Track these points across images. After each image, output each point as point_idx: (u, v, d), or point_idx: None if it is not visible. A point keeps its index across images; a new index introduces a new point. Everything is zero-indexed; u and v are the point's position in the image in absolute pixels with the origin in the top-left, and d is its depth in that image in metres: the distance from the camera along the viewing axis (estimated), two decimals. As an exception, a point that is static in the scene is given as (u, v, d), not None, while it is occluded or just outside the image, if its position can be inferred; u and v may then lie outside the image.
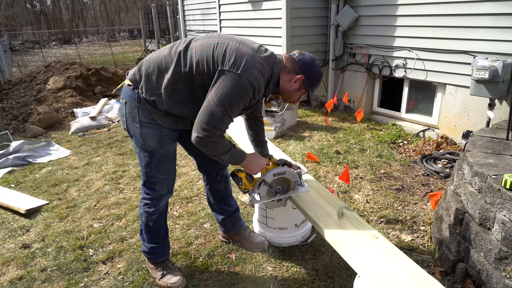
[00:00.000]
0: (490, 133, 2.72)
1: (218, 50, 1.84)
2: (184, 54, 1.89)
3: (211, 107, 1.79)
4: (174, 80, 1.90)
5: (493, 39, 3.83)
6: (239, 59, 1.80)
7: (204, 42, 1.90)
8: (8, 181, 3.98)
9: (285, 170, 2.20)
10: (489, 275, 1.93)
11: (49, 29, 34.35)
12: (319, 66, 2.02)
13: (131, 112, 2.01)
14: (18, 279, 2.42)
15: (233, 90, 1.78)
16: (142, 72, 1.98)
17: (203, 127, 1.82)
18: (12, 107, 6.74)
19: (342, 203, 2.14)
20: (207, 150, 1.90)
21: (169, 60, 1.92)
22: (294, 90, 1.99)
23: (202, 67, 1.85)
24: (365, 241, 1.80)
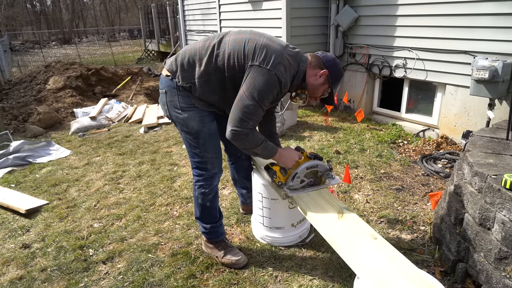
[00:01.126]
0: (490, 133, 2.72)
1: (249, 46, 1.97)
2: (217, 47, 2.03)
3: (243, 101, 1.93)
4: (207, 71, 2.05)
5: (493, 39, 3.83)
6: (269, 55, 1.93)
7: (236, 37, 2.03)
8: (8, 181, 3.98)
9: (318, 163, 2.25)
10: (489, 275, 1.93)
11: (49, 29, 34.35)
12: (340, 64, 2.16)
13: (172, 100, 2.16)
14: (18, 279, 2.42)
15: (263, 83, 1.91)
16: (178, 63, 2.12)
17: (237, 120, 1.95)
18: (12, 107, 6.74)
19: (342, 204, 2.15)
20: (241, 143, 2.02)
21: (203, 52, 2.06)
22: (318, 85, 2.11)
23: (233, 60, 1.99)
24: (364, 241, 1.80)
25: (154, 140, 5.05)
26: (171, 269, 2.40)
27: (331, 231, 1.89)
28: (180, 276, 2.33)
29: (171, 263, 2.47)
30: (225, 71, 2.02)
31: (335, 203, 2.16)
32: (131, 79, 8.59)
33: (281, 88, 1.98)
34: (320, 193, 2.29)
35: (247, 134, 1.98)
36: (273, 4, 5.68)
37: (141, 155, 4.53)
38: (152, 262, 2.49)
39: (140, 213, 3.16)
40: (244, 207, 3.02)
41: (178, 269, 2.41)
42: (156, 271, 2.41)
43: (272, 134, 2.56)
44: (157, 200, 3.37)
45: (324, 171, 2.30)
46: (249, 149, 2.06)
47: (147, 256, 2.56)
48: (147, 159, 4.37)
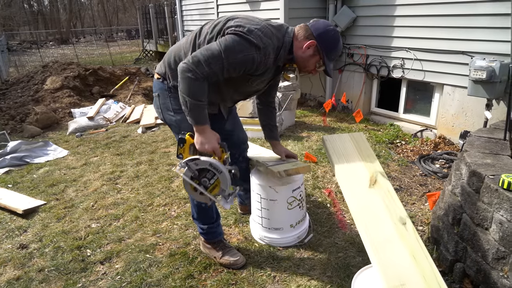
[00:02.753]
0: (487, 134, 2.73)
1: (228, 20, 1.92)
2: (198, 36, 2.00)
3: (212, 45, 1.83)
4: None
5: (490, 40, 3.84)
6: (246, 23, 1.86)
7: (215, 21, 2.00)
8: (5, 181, 3.96)
9: (222, 170, 1.94)
10: (486, 275, 1.93)
11: (46, 29, 34.24)
12: (335, 32, 1.96)
13: (164, 102, 2.14)
14: (16, 280, 2.41)
15: (237, 46, 1.80)
16: (165, 63, 2.11)
17: (194, 56, 1.82)
18: (10, 107, 6.71)
19: (379, 167, 1.90)
20: (182, 82, 1.83)
21: (187, 46, 2.03)
22: (307, 57, 1.97)
23: (216, 37, 1.90)
24: (389, 225, 1.62)
25: (152, 140, 5.04)
26: (169, 270, 2.40)
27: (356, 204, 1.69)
28: (178, 277, 2.33)
29: (169, 263, 2.46)
30: None
31: (370, 164, 1.91)
32: (129, 79, 8.57)
33: (260, 55, 1.84)
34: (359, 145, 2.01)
35: (196, 78, 1.80)
36: (271, 4, 5.69)
37: (139, 155, 4.52)
38: (150, 263, 2.49)
39: (138, 213, 3.15)
40: (242, 208, 3.02)
41: (176, 269, 2.40)
42: (154, 271, 2.41)
43: (271, 127, 2.53)
44: (155, 200, 3.37)
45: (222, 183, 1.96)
46: (184, 94, 1.84)
47: (145, 256, 2.56)
48: (145, 159, 4.36)
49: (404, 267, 1.49)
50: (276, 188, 2.42)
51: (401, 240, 1.57)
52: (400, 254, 1.54)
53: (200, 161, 1.94)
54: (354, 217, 1.70)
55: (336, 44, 1.98)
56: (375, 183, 1.81)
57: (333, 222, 2.88)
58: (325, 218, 2.94)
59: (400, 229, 1.60)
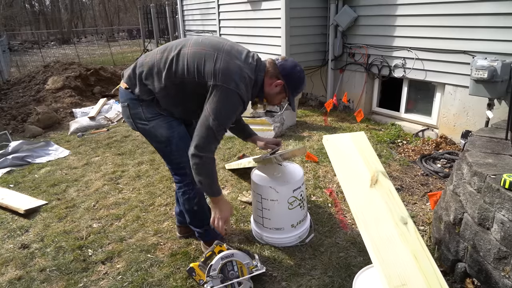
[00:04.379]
0: (489, 133, 2.72)
1: (208, 64, 1.93)
2: (176, 60, 1.99)
3: (209, 122, 1.92)
4: (167, 85, 2.02)
5: (492, 39, 3.83)
6: (230, 75, 1.91)
7: (196, 51, 1.98)
8: (7, 181, 3.97)
9: (233, 253, 2.13)
10: (488, 275, 1.93)
11: (48, 29, 34.29)
12: (301, 72, 2.11)
13: (136, 112, 2.13)
14: (17, 279, 2.41)
15: (228, 104, 1.93)
16: (136, 76, 2.09)
17: (201, 141, 1.94)
18: (11, 107, 6.72)
19: (380, 165, 1.93)
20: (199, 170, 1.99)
21: (161, 65, 2.02)
22: (275, 94, 2.12)
23: (193, 75, 1.96)
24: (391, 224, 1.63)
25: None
26: (170, 269, 2.40)
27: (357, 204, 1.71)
28: (179, 276, 2.33)
29: (170, 263, 2.47)
30: (185, 86, 2.01)
31: (372, 163, 1.94)
32: (130, 79, 8.57)
33: (244, 105, 2.00)
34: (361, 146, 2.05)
35: (209, 159, 1.98)
36: (272, 4, 5.68)
37: (140, 155, 4.53)
38: (151, 262, 2.49)
39: (139, 213, 3.15)
40: (182, 230, 2.73)
41: (178, 269, 2.41)
42: (155, 271, 2.41)
43: (244, 126, 2.59)
44: (156, 200, 3.37)
45: (243, 260, 2.13)
46: (201, 178, 2.02)
47: (146, 256, 2.56)
48: (146, 159, 4.36)
49: (405, 266, 1.49)
50: (276, 188, 2.42)
51: (402, 239, 1.57)
52: (401, 253, 1.54)
53: (214, 264, 2.09)
54: (355, 217, 1.70)
55: (301, 84, 2.14)
56: (376, 183, 1.82)
57: (334, 222, 2.88)
58: (326, 218, 2.93)
59: (401, 229, 1.61)
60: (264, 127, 4.77)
